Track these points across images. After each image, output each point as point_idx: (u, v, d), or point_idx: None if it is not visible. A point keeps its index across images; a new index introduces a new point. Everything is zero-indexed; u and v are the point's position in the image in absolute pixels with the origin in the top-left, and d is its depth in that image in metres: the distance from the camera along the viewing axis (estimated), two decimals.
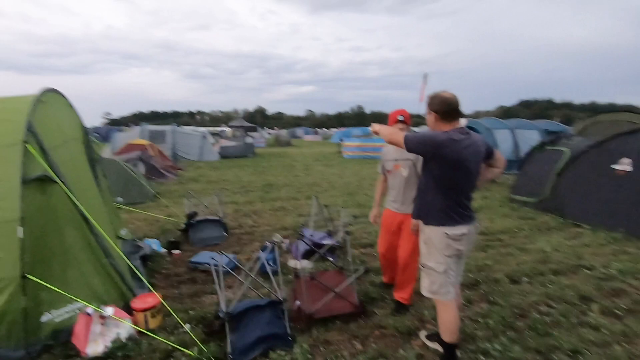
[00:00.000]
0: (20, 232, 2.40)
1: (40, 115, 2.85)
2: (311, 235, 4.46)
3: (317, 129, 60.45)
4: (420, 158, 2.75)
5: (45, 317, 2.52)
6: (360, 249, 4.75)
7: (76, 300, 2.62)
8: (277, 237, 4.96)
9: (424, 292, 2.34)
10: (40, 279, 2.45)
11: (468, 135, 2.15)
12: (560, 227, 5.63)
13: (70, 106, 3.78)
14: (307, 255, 4.09)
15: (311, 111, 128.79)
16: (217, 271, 2.80)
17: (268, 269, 2.98)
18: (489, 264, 4.12)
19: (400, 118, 2.99)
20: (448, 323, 2.26)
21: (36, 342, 2.47)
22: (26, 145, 2.57)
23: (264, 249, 3.76)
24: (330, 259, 4.28)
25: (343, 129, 41.11)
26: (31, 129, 2.67)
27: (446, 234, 2.20)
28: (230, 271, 3.02)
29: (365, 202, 7.56)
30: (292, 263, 4.10)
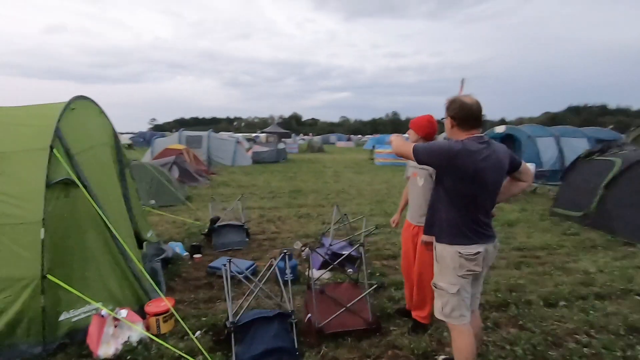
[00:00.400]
0: (42, 233, 2.50)
1: (68, 121, 2.99)
2: (330, 245, 4.35)
3: (351, 136, 60.30)
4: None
5: (63, 317, 2.61)
6: (383, 261, 4.56)
7: (92, 302, 2.69)
8: (297, 245, 4.90)
9: (437, 314, 2.16)
10: (59, 280, 2.54)
11: (487, 145, 1.96)
12: (608, 246, 5.09)
13: (102, 113, 3.96)
14: (325, 265, 3.98)
15: (345, 117, 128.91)
16: (228, 278, 2.77)
17: (279, 277, 2.91)
18: (522, 284, 3.78)
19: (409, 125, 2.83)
20: (463, 350, 2.06)
21: (53, 340, 2.55)
22: (52, 150, 2.70)
23: (282, 256, 3.70)
24: (350, 270, 4.14)
25: (377, 136, 40.69)
26: (58, 135, 2.80)
27: (459, 252, 2.01)
28: (243, 279, 2.98)
29: (393, 211, 7.32)
30: (310, 272, 4.00)
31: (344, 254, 3.75)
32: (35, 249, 2.49)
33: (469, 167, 1.90)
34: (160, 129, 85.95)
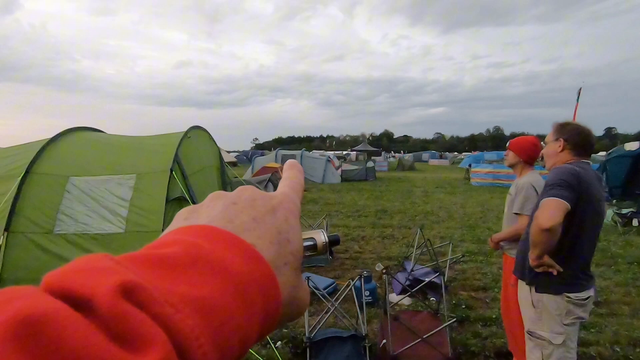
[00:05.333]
0: None
1: (184, 148, 3.61)
2: (412, 270, 4.22)
3: (446, 153, 57.25)
4: (522, 193, 2.32)
5: None
6: (471, 292, 4.24)
7: None
8: (378, 267, 4.86)
9: None
10: None
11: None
12: None
13: (211, 138, 4.65)
14: (405, 290, 3.88)
15: (440, 134, 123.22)
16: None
17: (355, 298, 2.96)
18: None
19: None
20: None
21: None
22: (172, 172, 3.29)
23: (365, 277, 3.73)
24: (433, 298, 3.96)
25: (475, 153, 37.84)
26: (177, 160, 3.41)
27: (568, 297, 1.75)
28: (321, 297, 3.12)
29: (486, 237, 6.71)
30: (390, 297, 3.95)
31: (424, 281, 3.62)
32: None
33: (593, 196, 1.70)
34: (261, 147, 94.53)
